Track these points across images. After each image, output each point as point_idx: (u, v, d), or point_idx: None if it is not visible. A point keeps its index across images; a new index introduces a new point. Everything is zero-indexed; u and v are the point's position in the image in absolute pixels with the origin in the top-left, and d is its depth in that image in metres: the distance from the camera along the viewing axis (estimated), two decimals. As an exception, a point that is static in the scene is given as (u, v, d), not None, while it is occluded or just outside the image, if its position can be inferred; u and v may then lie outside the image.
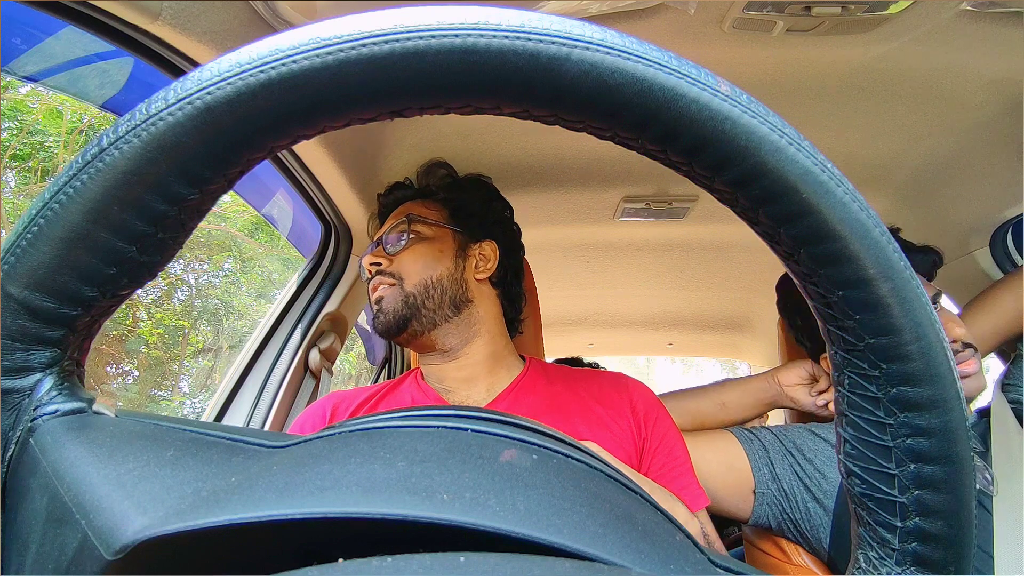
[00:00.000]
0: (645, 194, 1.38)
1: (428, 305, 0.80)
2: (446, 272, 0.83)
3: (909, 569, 0.23)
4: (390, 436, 0.23)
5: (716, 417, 1.01)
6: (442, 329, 0.82)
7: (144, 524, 0.18)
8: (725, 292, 1.97)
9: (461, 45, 0.19)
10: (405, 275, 0.82)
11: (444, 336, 0.83)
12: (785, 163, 0.20)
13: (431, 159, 0.99)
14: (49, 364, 0.24)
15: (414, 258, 0.83)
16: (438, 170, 0.96)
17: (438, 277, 0.82)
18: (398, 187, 0.98)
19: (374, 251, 0.85)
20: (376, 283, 0.82)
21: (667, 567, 0.18)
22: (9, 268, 0.22)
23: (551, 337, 2.25)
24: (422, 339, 0.82)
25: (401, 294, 0.80)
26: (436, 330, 0.82)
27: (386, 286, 0.81)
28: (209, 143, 0.21)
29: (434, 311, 0.81)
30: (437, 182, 0.95)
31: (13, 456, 0.23)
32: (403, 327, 0.80)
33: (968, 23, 0.81)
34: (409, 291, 0.80)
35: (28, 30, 1.00)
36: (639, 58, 0.20)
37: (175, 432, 0.24)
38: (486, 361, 0.84)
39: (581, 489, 0.21)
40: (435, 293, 0.81)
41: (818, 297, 0.23)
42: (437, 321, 0.81)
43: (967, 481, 0.22)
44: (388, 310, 0.80)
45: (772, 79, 0.97)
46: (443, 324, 0.82)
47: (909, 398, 0.22)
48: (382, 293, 0.81)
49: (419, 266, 0.82)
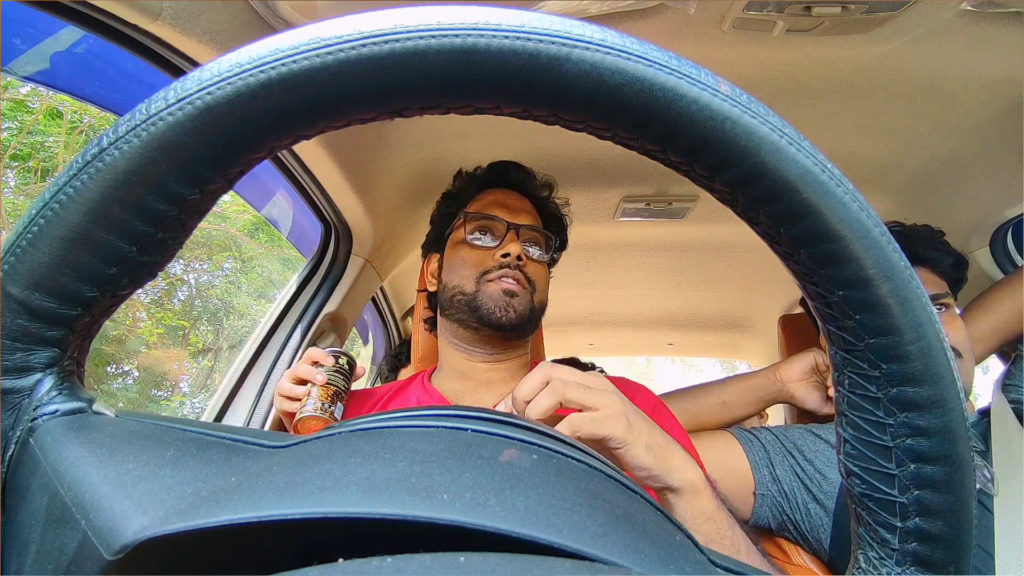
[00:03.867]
0: (645, 194, 1.38)
1: (535, 321, 0.86)
2: (547, 297, 0.90)
3: (909, 569, 0.23)
4: (390, 436, 0.23)
5: (717, 416, 1.01)
6: (523, 340, 0.89)
7: (144, 524, 0.18)
8: (725, 292, 1.97)
9: (461, 45, 0.19)
10: (537, 286, 0.85)
11: (518, 346, 0.88)
12: (785, 163, 0.20)
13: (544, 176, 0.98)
14: (49, 364, 0.24)
15: (543, 275, 0.89)
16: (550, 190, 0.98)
17: (545, 301, 0.89)
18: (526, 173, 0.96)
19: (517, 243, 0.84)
20: (514, 275, 0.82)
21: (667, 567, 0.18)
22: (9, 268, 0.22)
23: (551, 337, 2.25)
24: (509, 343, 0.86)
25: (531, 302, 0.84)
26: (521, 340, 0.88)
27: (520, 286, 0.83)
28: (209, 143, 0.21)
29: (533, 328, 0.87)
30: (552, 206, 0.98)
31: (13, 456, 0.23)
32: (518, 328, 0.83)
33: (968, 23, 0.81)
34: (536, 305, 0.85)
35: (28, 30, 1.00)
36: (639, 58, 0.20)
37: (175, 432, 0.24)
38: (521, 369, 0.88)
39: (581, 489, 0.21)
40: (541, 313, 0.88)
41: (818, 297, 0.23)
42: (527, 333, 0.87)
43: (967, 481, 0.22)
44: (520, 309, 0.82)
45: (772, 79, 0.97)
46: (527, 336, 0.89)
47: (909, 398, 0.22)
48: (516, 290, 0.82)
49: (544, 285, 0.88)
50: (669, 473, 0.51)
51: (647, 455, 0.50)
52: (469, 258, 0.85)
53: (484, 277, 0.82)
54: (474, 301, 0.81)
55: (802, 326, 1.30)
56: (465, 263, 0.84)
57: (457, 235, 0.89)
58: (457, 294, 0.83)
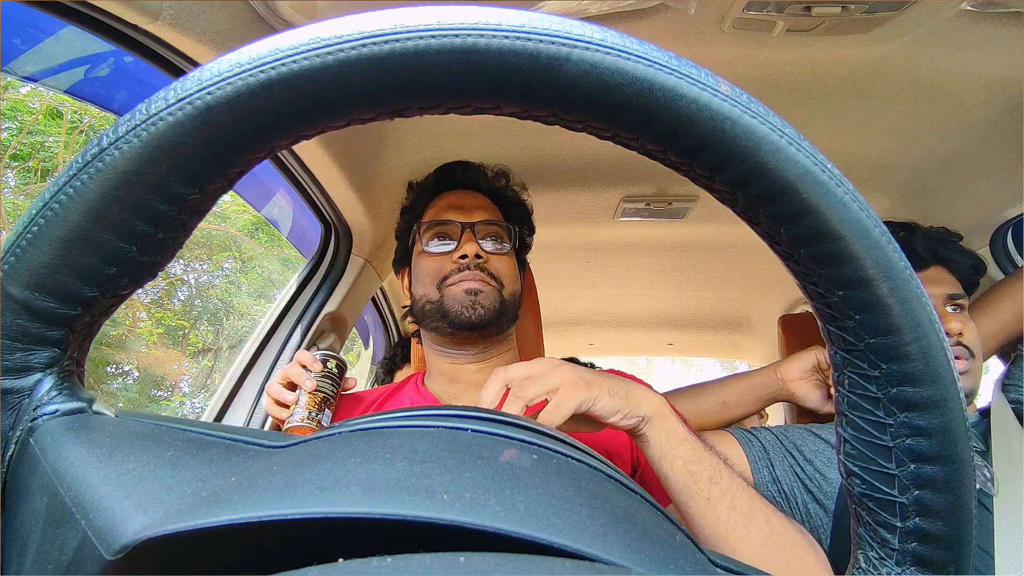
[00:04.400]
0: (645, 194, 1.38)
1: (509, 314, 0.86)
2: (519, 286, 0.90)
3: (909, 569, 0.23)
4: (390, 436, 0.23)
5: (717, 416, 1.01)
6: (504, 334, 0.88)
7: (144, 524, 0.18)
8: (725, 292, 1.97)
9: (461, 45, 0.19)
10: (504, 280, 0.85)
11: (500, 341, 0.88)
12: (785, 163, 0.20)
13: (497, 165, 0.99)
14: (49, 364, 0.24)
15: (508, 267, 0.88)
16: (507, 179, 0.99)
17: (517, 290, 0.89)
18: (475, 170, 0.97)
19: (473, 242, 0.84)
20: (475, 275, 0.83)
21: (667, 567, 0.18)
22: (9, 268, 0.22)
23: (551, 337, 2.24)
24: (488, 339, 0.86)
25: (499, 297, 0.84)
26: (501, 335, 0.87)
27: (484, 282, 0.83)
28: (209, 143, 0.21)
29: (510, 321, 0.87)
30: (510, 194, 0.98)
31: (13, 456, 0.23)
32: (491, 324, 0.83)
33: (968, 23, 0.81)
34: (506, 298, 0.85)
35: (28, 30, 1.00)
36: (639, 58, 0.20)
37: (175, 432, 0.24)
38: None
39: (581, 489, 0.21)
40: (515, 304, 0.88)
41: (818, 297, 0.23)
42: (504, 328, 0.87)
43: (967, 481, 0.22)
44: (488, 305, 0.82)
45: (772, 79, 0.97)
46: (506, 330, 0.88)
47: (909, 398, 0.22)
48: (480, 287, 0.82)
49: (511, 276, 0.88)
50: (638, 406, 0.56)
51: (613, 398, 0.55)
52: (429, 267, 0.86)
53: (445, 282, 0.83)
54: (441, 307, 0.82)
55: (802, 326, 1.30)
56: (426, 272, 0.85)
57: (418, 247, 0.89)
58: (426, 304, 0.85)
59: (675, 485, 0.54)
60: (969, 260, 0.99)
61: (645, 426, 0.55)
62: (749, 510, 0.52)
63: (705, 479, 0.53)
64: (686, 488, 0.53)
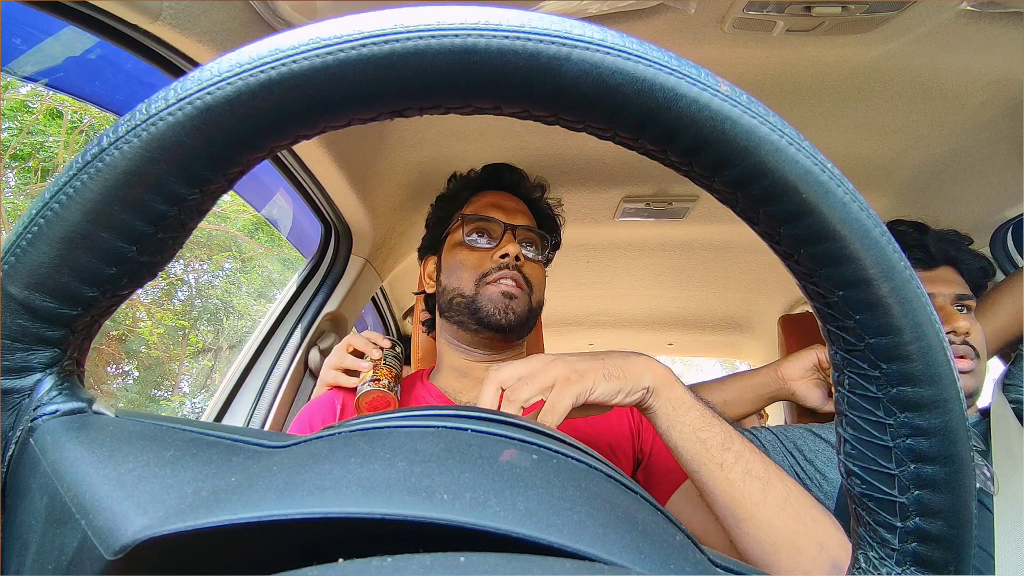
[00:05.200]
0: (645, 194, 1.38)
1: (532, 321, 0.87)
2: (544, 296, 0.91)
3: (909, 569, 0.23)
4: (390, 436, 0.23)
5: None
6: (523, 340, 0.91)
7: (144, 524, 0.18)
8: (725, 292, 1.97)
9: (461, 45, 0.19)
10: (535, 286, 0.86)
11: (519, 345, 0.90)
12: (785, 163, 0.20)
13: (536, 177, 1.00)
14: (49, 364, 0.24)
15: (540, 275, 0.89)
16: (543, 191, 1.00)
17: (542, 300, 0.90)
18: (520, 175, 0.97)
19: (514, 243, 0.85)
20: (512, 276, 0.83)
21: (667, 567, 0.18)
22: (9, 268, 0.22)
23: (551, 337, 2.25)
24: (510, 342, 0.87)
25: (529, 303, 0.85)
26: (521, 340, 0.90)
27: (519, 286, 0.83)
28: (209, 143, 0.21)
29: (531, 328, 0.88)
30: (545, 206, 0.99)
31: (13, 456, 0.23)
32: (518, 329, 0.84)
33: (968, 23, 0.81)
34: (535, 304, 0.87)
35: (28, 30, 1.00)
36: (639, 58, 0.20)
37: (175, 432, 0.24)
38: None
39: (581, 489, 0.21)
40: (538, 312, 0.90)
41: (818, 297, 0.23)
42: (526, 334, 0.89)
43: (967, 481, 0.22)
44: (519, 310, 0.83)
45: (772, 79, 0.97)
46: (526, 336, 0.90)
47: (909, 398, 0.22)
48: (515, 292, 0.82)
49: (541, 284, 0.89)
50: (639, 379, 0.54)
51: (610, 381, 0.53)
52: (467, 260, 0.85)
53: (483, 279, 0.83)
54: (474, 303, 0.82)
55: (802, 326, 1.30)
56: (464, 265, 0.85)
57: (454, 237, 0.89)
58: (456, 296, 0.84)
59: (686, 454, 0.52)
60: (979, 262, 1.00)
61: (651, 398, 0.54)
62: (764, 474, 0.51)
63: (716, 445, 0.51)
64: (697, 456, 0.52)
